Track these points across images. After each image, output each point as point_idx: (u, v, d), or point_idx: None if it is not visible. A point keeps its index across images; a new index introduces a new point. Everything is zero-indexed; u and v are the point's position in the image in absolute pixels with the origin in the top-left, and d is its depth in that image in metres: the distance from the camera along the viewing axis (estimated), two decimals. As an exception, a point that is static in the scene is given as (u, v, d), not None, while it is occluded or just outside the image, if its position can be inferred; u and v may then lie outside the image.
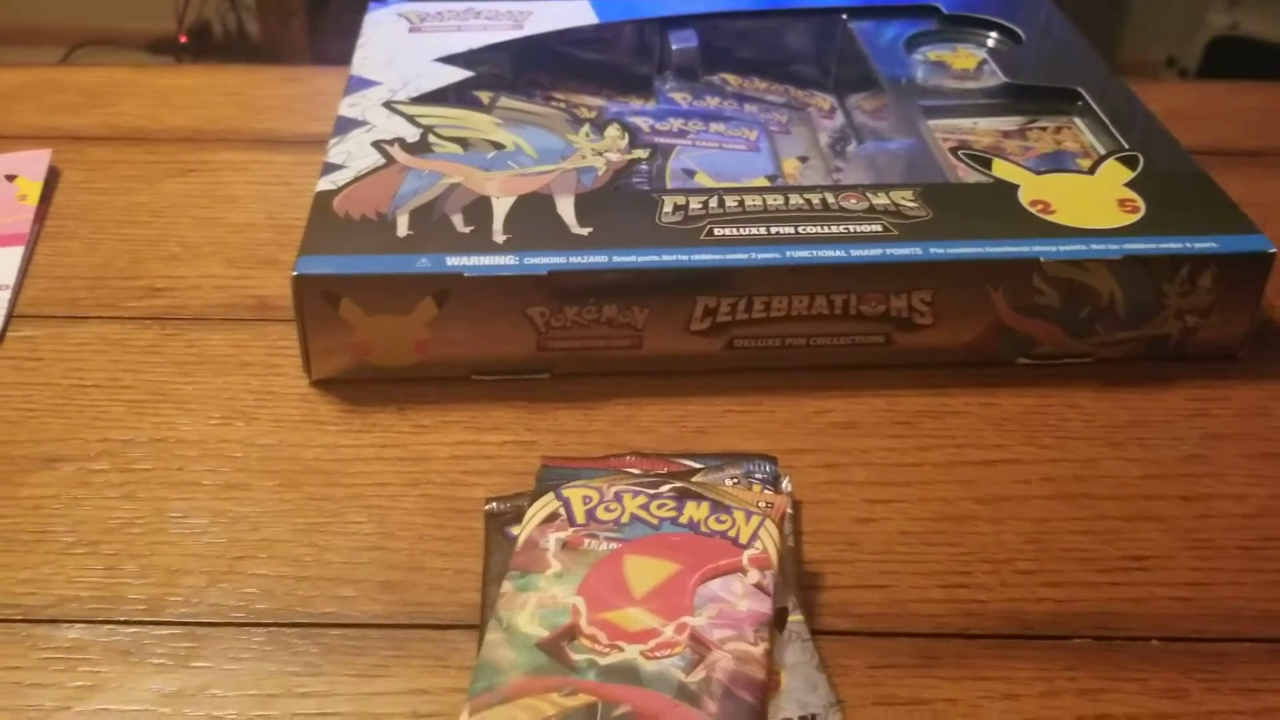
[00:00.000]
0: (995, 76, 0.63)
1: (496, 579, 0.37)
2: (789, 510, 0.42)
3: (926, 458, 0.46)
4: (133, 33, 2.33)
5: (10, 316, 0.52)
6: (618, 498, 0.39)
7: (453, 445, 0.46)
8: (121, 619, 0.39)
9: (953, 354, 0.50)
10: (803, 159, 0.60)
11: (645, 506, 0.39)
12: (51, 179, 0.61)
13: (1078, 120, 0.59)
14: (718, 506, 0.39)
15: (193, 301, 0.53)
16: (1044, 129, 0.59)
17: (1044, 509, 0.44)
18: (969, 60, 0.64)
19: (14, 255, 0.55)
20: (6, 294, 0.53)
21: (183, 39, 2.33)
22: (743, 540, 0.38)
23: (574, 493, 0.40)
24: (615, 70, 0.67)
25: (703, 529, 0.38)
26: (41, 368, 0.49)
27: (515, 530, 0.39)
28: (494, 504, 0.41)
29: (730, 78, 0.66)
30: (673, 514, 0.39)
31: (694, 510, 0.39)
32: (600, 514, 0.39)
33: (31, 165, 0.61)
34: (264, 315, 0.52)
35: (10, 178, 0.60)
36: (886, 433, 0.47)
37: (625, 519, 0.39)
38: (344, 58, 0.63)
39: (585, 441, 0.46)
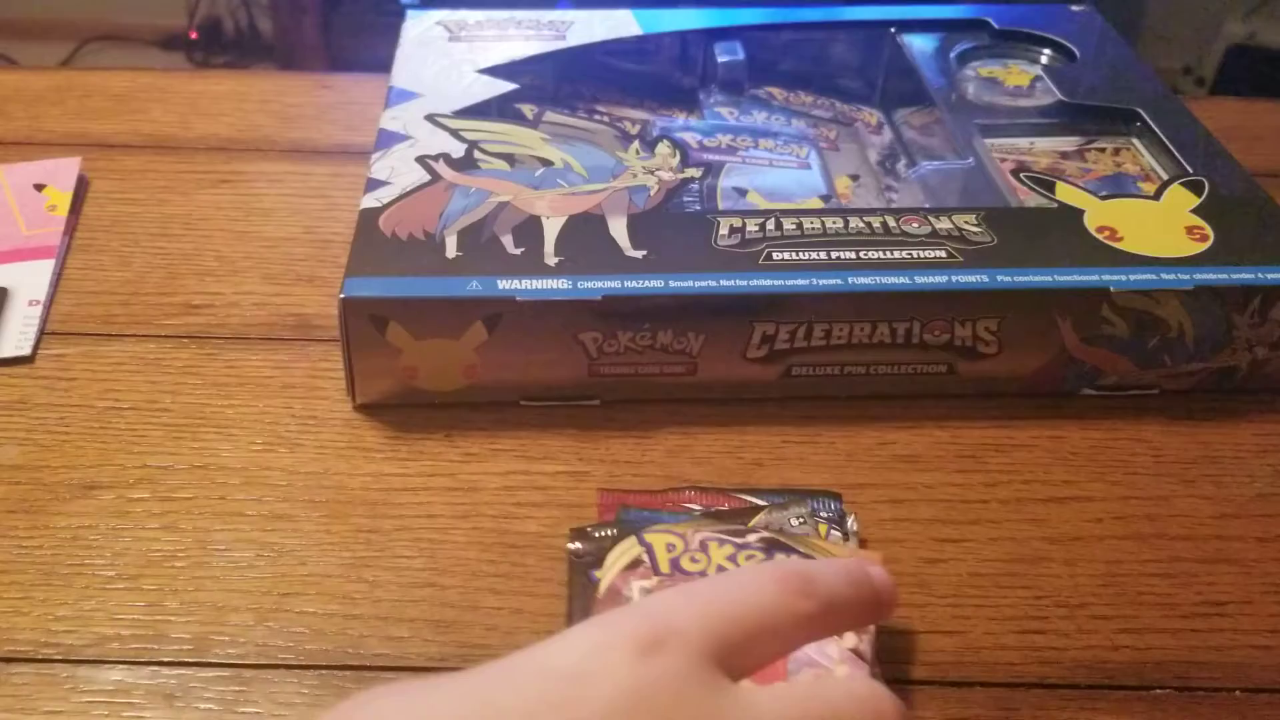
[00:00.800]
0: (1049, 94, 0.61)
1: (578, 617, 0.36)
2: (854, 551, 0.40)
3: (994, 494, 0.44)
4: (143, 28, 2.32)
5: (42, 333, 0.50)
6: (703, 546, 0.38)
7: (503, 475, 0.45)
8: (166, 660, 0.37)
9: (1016, 384, 0.48)
10: (854, 177, 0.58)
11: (733, 558, 0.37)
12: (80, 188, 0.59)
13: (1136, 141, 0.58)
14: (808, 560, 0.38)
15: (230, 319, 0.52)
16: (1102, 150, 0.57)
17: (1117, 550, 0.42)
18: (1022, 77, 0.62)
19: (45, 269, 0.53)
20: (38, 310, 0.51)
21: (193, 35, 2.32)
22: None
23: (657, 539, 0.38)
24: (657, 82, 0.66)
25: None
26: (75, 388, 0.48)
27: (598, 574, 0.37)
28: (576, 544, 0.39)
29: (776, 91, 0.65)
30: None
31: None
32: (685, 564, 0.37)
33: (61, 174, 0.59)
34: (304, 335, 0.51)
35: (39, 187, 0.58)
36: (951, 467, 0.45)
37: (712, 570, 0.37)
38: (358, 57, 0.62)
39: (640, 473, 0.45)
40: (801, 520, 0.40)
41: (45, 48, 2.24)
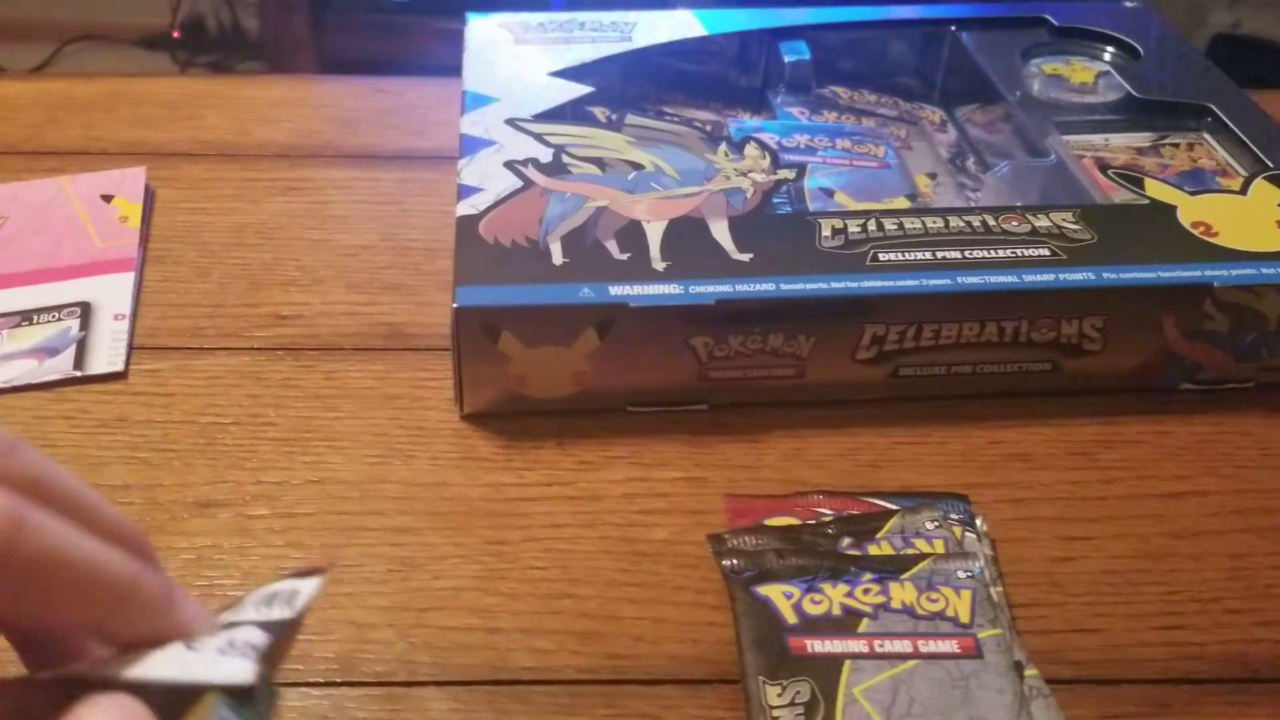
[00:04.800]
0: (1113, 91, 0.61)
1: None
2: (989, 552, 0.41)
3: (1111, 491, 0.45)
4: (125, 27, 2.29)
5: (131, 348, 0.50)
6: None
7: (622, 483, 0.44)
8: (315, 680, 0.37)
9: (1117, 380, 0.49)
10: (932, 175, 0.58)
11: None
12: (147, 198, 0.58)
13: (1208, 136, 0.58)
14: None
15: (321, 330, 0.51)
16: (1176, 145, 0.57)
17: (1240, 543, 0.43)
18: (1086, 74, 0.63)
19: (125, 282, 0.52)
20: (125, 324, 0.50)
21: (176, 34, 2.29)
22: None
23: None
24: (717, 83, 0.66)
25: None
26: (174, 404, 0.47)
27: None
28: (731, 561, 0.39)
29: (840, 90, 0.65)
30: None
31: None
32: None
33: (128, 184, 0.58)
34: (398, 344, 0.50)
35: (107, 198, 0.58)
36: (1065, 464, 0.46)
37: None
38: (350, 55, 0.61)
39: (758, 477, 0.45)
40: (936, 524, 0.41)
41: (25, 48, 2.20)
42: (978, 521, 0.42)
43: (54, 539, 0.23)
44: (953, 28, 0.66)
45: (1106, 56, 0.64)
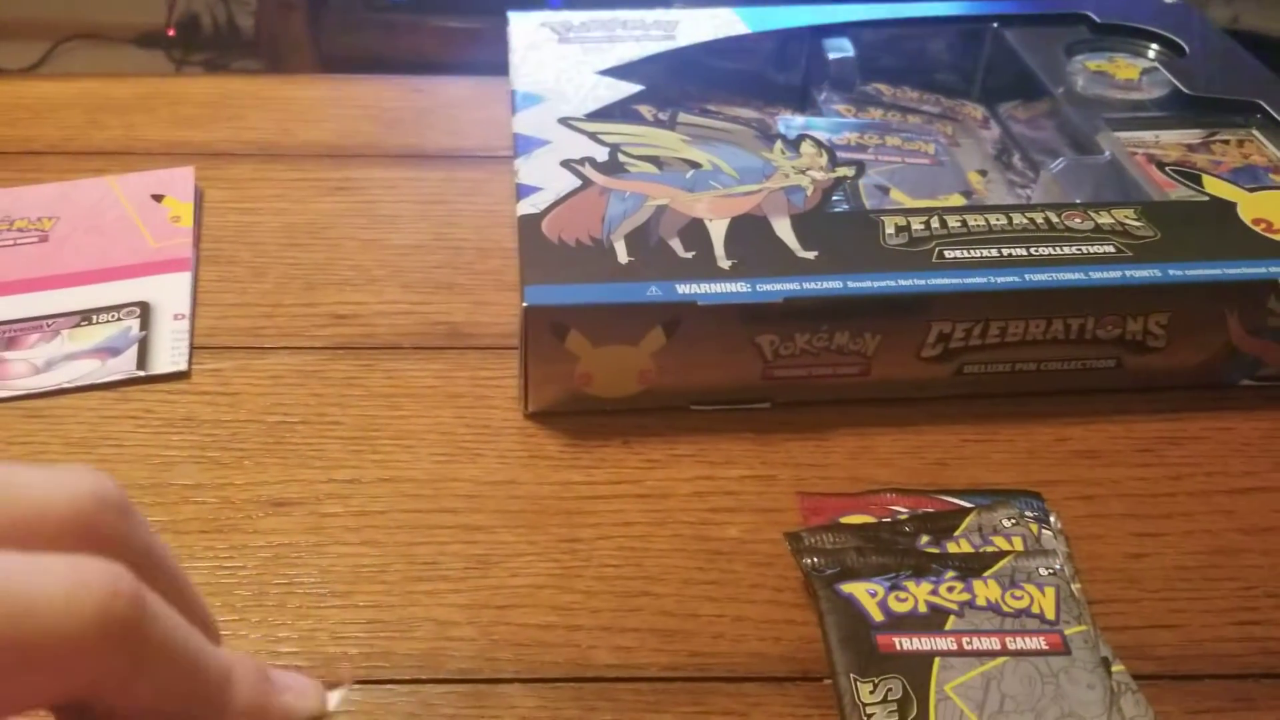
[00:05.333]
0: (1157, 87, 0.62)
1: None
2: (1066, 549, 0.41)
3: (1180, 487, 0.45)
4: (119, 26, 2.28)
5: (192, 348, 0.49)
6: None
7: (690, 481, 0.44)
8: (401, 678, 0.37)
9: (1179, 377, 0.49)
10: (982, 172, 0.58)
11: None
12: (196, 198, 0.58)
13: (1256, 132, 0.58)
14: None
15: (379, 329, 0.51)
16: (1226, 142, 0.58)
17: (1311, 539, 0.43)
18: (1130, 70, 0.63)
19: (183, 282, 0.52)
20: (184, 324, 0.50)
21: (171, 32, 2.28)
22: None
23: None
24: (756, 80, 0.66)
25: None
26: (240, 403, 0.47)
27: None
28: (811, 559, 0.39)
29: (883, 88, 0.65)
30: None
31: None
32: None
33: (177, 184, 0.58)
34: (457, 343, 0.50)
35: (157, 198, 0.57)
36: (1132, 461, 0.46)
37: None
38: (348, 55, 0.61)
39: (826, 476, 0.45)
40: (1014, 521, 0.41)
41: (20, 47, 2.19)
42: (1052, 518, 0.42)
43: (167, 626, 0.23)
44: (994, 24, 0.66)
45: (1150, 53, 0.64)
